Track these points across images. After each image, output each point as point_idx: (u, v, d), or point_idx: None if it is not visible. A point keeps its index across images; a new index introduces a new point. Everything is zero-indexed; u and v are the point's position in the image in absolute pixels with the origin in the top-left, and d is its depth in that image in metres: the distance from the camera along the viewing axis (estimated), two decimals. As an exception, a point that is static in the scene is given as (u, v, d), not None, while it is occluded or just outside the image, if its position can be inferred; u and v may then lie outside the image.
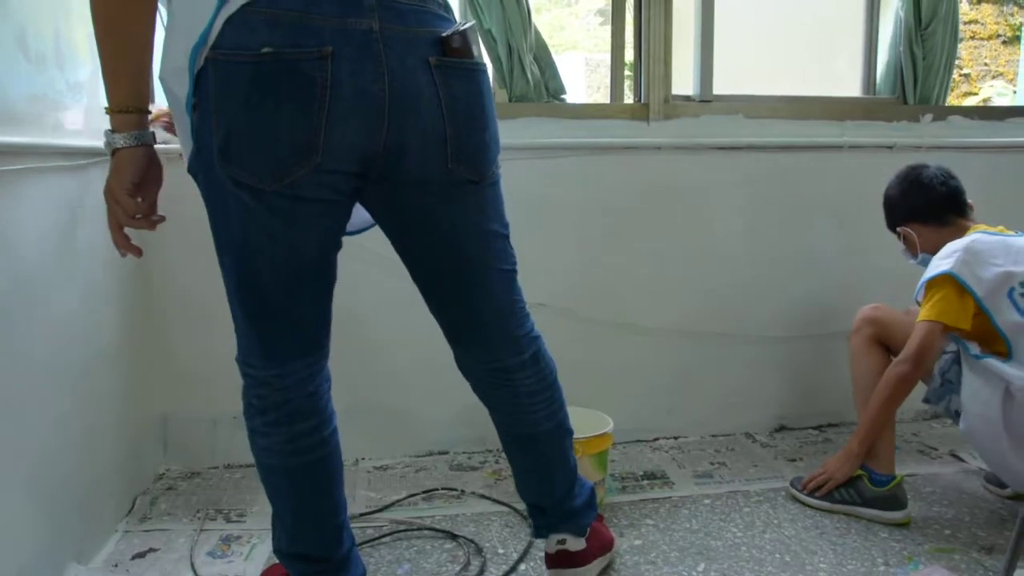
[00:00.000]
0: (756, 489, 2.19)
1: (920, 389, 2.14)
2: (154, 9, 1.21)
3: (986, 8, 5.73)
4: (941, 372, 2.01)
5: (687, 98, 2.53)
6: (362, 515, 2.03)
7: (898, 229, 2.20)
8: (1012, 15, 5.28)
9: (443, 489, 2.20)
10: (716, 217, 2.53)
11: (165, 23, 1.25)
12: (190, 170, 1.25)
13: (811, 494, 2.08)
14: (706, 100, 2.52)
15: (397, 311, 2.31)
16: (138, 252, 1.33)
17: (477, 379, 1.52)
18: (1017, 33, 3.11)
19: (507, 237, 1.43)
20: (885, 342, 2.11)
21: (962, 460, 2.41)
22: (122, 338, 2.06)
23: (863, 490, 2.02)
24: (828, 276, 2.64)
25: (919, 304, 2.00)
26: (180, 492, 2.20)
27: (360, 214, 1.42)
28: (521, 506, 2.05)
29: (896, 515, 1.99)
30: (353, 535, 1.52)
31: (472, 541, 1.90)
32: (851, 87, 2.79)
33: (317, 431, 1.39)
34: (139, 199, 1.29)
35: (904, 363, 1.96)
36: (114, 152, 1.26)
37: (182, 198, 1.46)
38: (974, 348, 1.93)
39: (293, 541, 1.45)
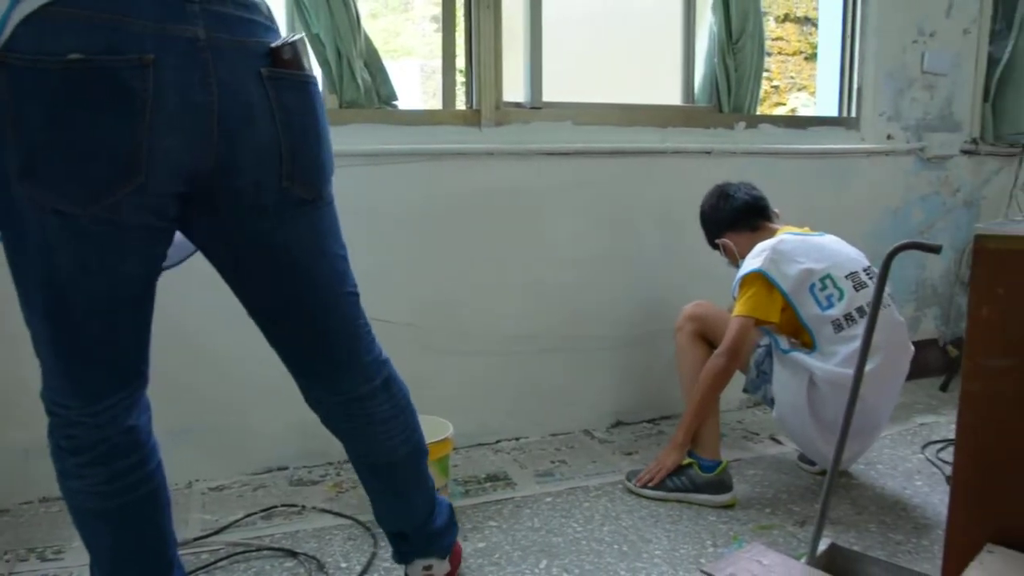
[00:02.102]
0: (595, 484, 2.26)
1: (742, 379, 2.29)
2: None
3: (790, 27, 6.22)
4: (756, 364, 2.17)
5: (518, 105, 2.58)
6: (196, 539, 1.93)
7: (717, 241, 2.37)
8: (811, 34, 5.76)
9: (283, 506, 2.12)
10: (549, 222, 2.59)
11: None
12: None
13: (645, 486, 2.17)
14: (536, 107, 2.58)
15: (226, 324, 2.21)
16: None
17: (327, 411, 1.44)
18: (815, 51, 3.40)
19: (346, 259, 1.37)
20: (708, 337, 2.23)
21: (780, 443, 2.59)
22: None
23: (694, 477, 2.13)
24: (655, 276, 2.76)
25: (735, 299, 2.15)
26: (-17, 532, 2.00)
27: (177, 247, 1.30)
28: (364, 517, 2.01)
29: (723, 498, 2.11)
30: (183, 568, 1.42)
31: (314, 558, 1.84)
32: (672, 96, 2.94)
33: (139, 467, 1.28)
34: None
35: (720, 356, 2.11)
36: None
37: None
38: (783, 343, 2.11)
39: None
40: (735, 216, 2.32)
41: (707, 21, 2.85)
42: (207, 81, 1.09)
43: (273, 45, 1.18)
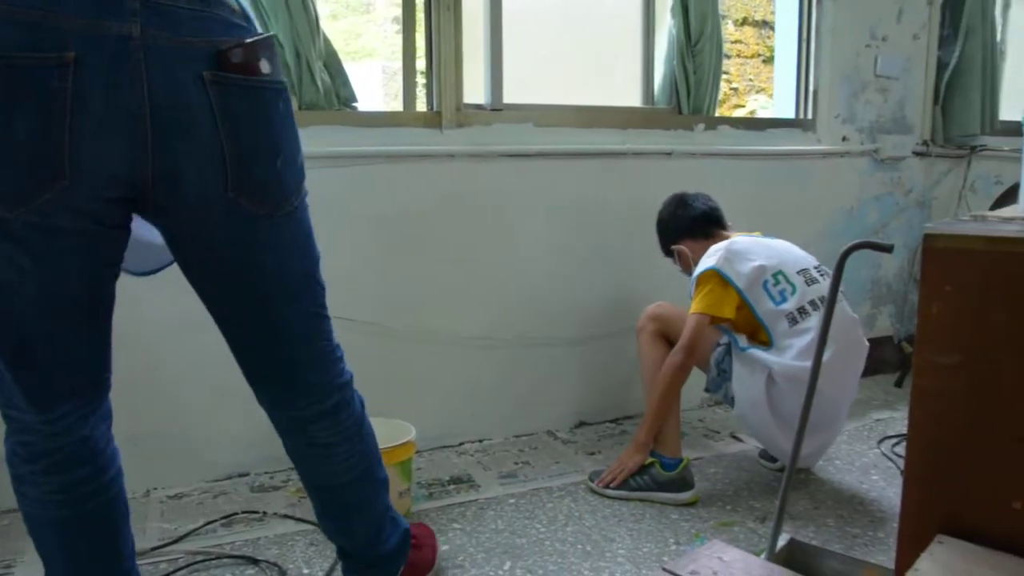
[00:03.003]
0: (558, 484, 2.27)
1: (703, 379, 2.32)
2: None
3: (748, 30, 6.31)
4: (716, 363, 2.20)
5: (479, 106, 2.58)
6: (154, 549, 1.89)
7: (673, 248, 2.42)
8: (768, 38, 5.84)
9: (243, 513, 2.10)
10: (511, 223, 2.60)
11: None
12: None
13: (607, 487, 2.18)
14: (497, 109, 2.58)
15: (184, 330, 2.19)
16: None
17: (275, 422, 1.40)
18: (773, 54, 3.46)
19: (312, 275, 1.30)
20: (669, 336, 2.26)
21: (741, 441, 2.63)
22: None
23: (656, 475, 2.15)
24: (617, 277, 2.78)
25: (691, 299, 2.19)
26: (-69, 545, 1.94)
27: (155, 252, 1.28)
28: (326, 523, 2.00)
29: (685, 496, 2.13)
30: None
31: (275, 564, 1.82)
32: (632, 98, 2.96)
33: (95, 477, 1.25)
34: None
35: (677, 353, 2.14)
36: None
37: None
38: (742, 341, 2.15)
39: None
40: (693, 224, 2.38)
41: (666, 24, 2.88)
42: (137, 83, 1.03)
43: (222, 47, 1.09)
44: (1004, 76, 3.66)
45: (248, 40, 1.11)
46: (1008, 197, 3.00)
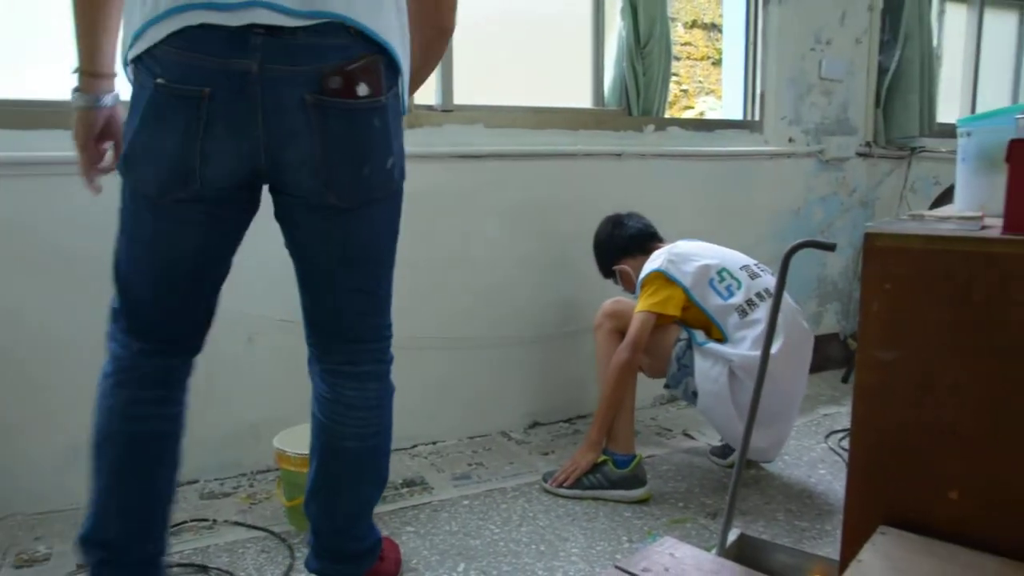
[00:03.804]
0: (512, 485, 2.27)
1: (658, 379, 2.35)
2: None
3: (697, 32, 6.40)
4: (677, 358, 2.23)
5: (429, 107, 2.57)
6: (97, 561, 1.85)
7: (614, 268, 2.46)
8: (717, 40, 5.93)
9: (192, 521, 2.05)
10: (462, 224, 2.60)
11: None
12: None
13: (561, 486, 2.19)
14: (447, 110, 2.58)
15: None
16: (96, 190, 1.43)
17: (315, 375, 1.54)
18: (722, 56, 3.52)
19: (376, 258, 1.46)
20: (625, 333, 2.28)
21: (693, 438, 2.66)
22: None
23: (609, 473, 2.17)
24: (569, 277, 2.79)
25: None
26: None
27: None
28: (279, 528, 1.98)
29: (637, 493, 2.15)
30: (165, 546, 1.48)
31: (226, 572, 1.79)
32: (583, 99, 2.98)
33: (161, 404, 1.42)
34: (104, 147, 1.41)
35: (624, 350, 2.17)
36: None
37: None
38: (700, 336, 2.18)
39: (96, 525, 1.39)
40: (630, 242, 2.43)
41: (616, 26, 2.90)
42: (253, 112, 1.23)
43: (324, 74, 1.24)
44: (940, 80, 3.78)
45: (348, 68, 1.25)
46: (946, 197, 3.08)
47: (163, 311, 1.40)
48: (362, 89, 1.27)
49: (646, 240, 2.43)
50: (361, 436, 1.51)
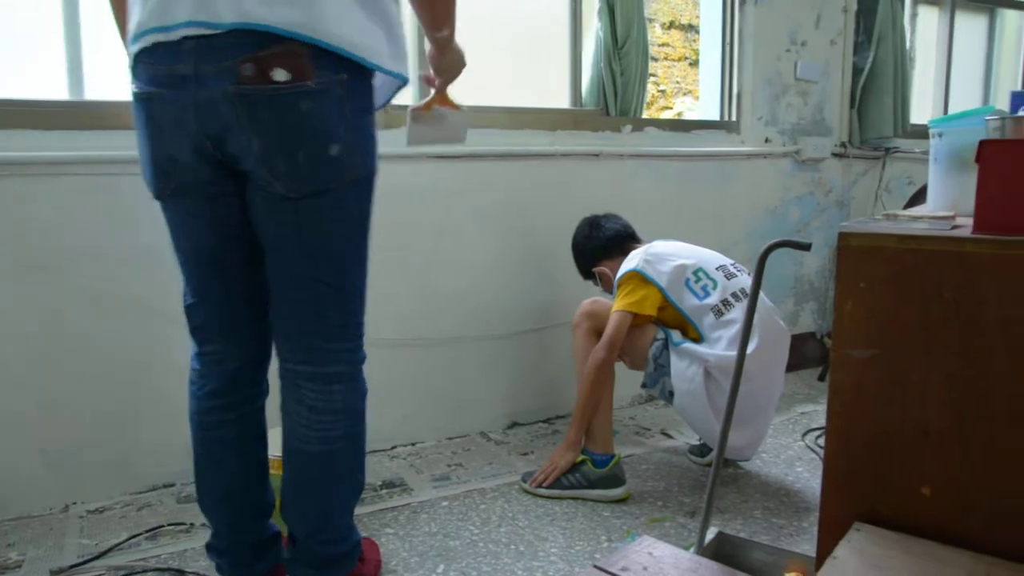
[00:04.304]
0: (491, 486, 2.27)
1: (636, 379, 2.35)
2: None
3: (675, 33, 6.43)
4: (654, 358, 2.23)
5: (405, 107, 2.55)
6: (73, 567, 1.82)
7: (594, 271, 2.46)
8: (695, 41, 5.96)
9: (169, 525, 2.03)
10: (441, 224, 2.59)
11: None
12: None
13: (540, 486, 2.19)
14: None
15: (105, 338, 2.13)
16: None
17: (280, 376, 1.54)
18: (699, 57, 3.54)
19: (337, 252, 1.45)
20: (603, 333, 2.28)
21: (671, 437, 2.67)
22: None
23: (588, 473, 2.17)
24: (547, 276, 2.80)
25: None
26: None
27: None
28: (255, 532, 1.96)
29: (616, 492, 2.16)
30: (270, 532, 1.63)
31: (203, 576, 1.78)
32: (561, 99, 2.98)
33: (224, 411, 1.55)
34: None
35: (600, 349, 2.18)
36: None
37: None
38: (676, 336, 2.19)
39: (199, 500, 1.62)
40: (608, 243, 2.44)
41: (593, 27, 2.91)
42: (188, 107, 1.32)
43: (239, 63, 1.28)
44: (913, 81, 3.83)
45: (261, 54, 1.28)
46: (919, 197, 3.12)
47: (205, 306, 1.52)
48: (279, 74, 1.29)
49: (624, 241, 2.43)
50: (326, 439, 1.50)
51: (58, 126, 2.07)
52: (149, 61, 1.35)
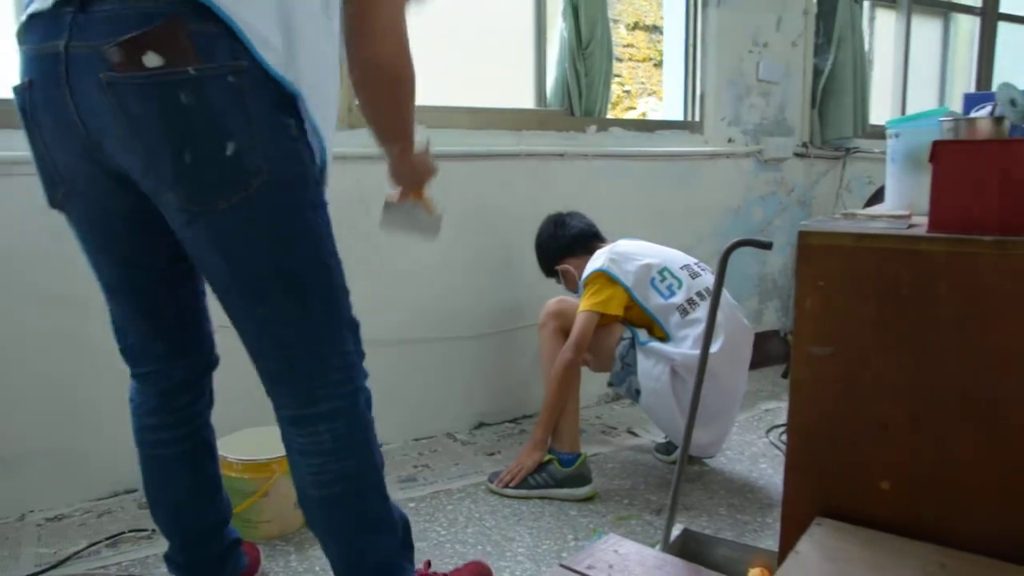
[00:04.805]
0: (458, 487, 2.26)
1: (603, 378, 2.37)
2: None
3: (640, 34, 6.47)
4: (621, 357, 2.25)
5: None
6: (30, 576, 1.79)
7: (557, 268, 2.47)
8: (659, 42, 6.01)
9: (131, 532, 2.00)
10: (407, 225, 2.57)
11: None
12: None
13: (507, 486, 2.19)
14: (390, 110, 2.55)
15: (61, 339, 2.09)
16: None
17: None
18: (663, 57, 3.57)
19: (281, 275, 1.21)
20: (569, 333, 2.29)
21: (637, 435, 2.69)
22: None
23: (554, 472, 2.18)
24: (512, 276, 2.80)
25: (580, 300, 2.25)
26: None
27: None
28: (218, 537, 1.93)
29: (583, 491, 2.17)
30: (228, 539, 1.57)
31: (165, 583, 1.75)
32: (526, 100, 2.99)
33: (159, 430, 1.46)
34: None
35: (567, 350, 2.19)
36: None
37: None
38: (643, 335, 2.21)
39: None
40: (573, 242, 2.45)
41: (557, 27, 2.92)
42: (63, 96, 1.11)
43: (103, 48, 1.05)
44: (872, 83, 3.90)
45: (132, 36, 1.05)
46: (879, 196, 3.18)
47: (128, 327, 1.40)
48: (151, 59, 1.06)
49: (589, 240, 2.44)
50: (321, 484, 1.31)
51: None
52: (22, 43, 1.15)
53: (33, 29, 1.11)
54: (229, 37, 1.09)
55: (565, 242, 2.46)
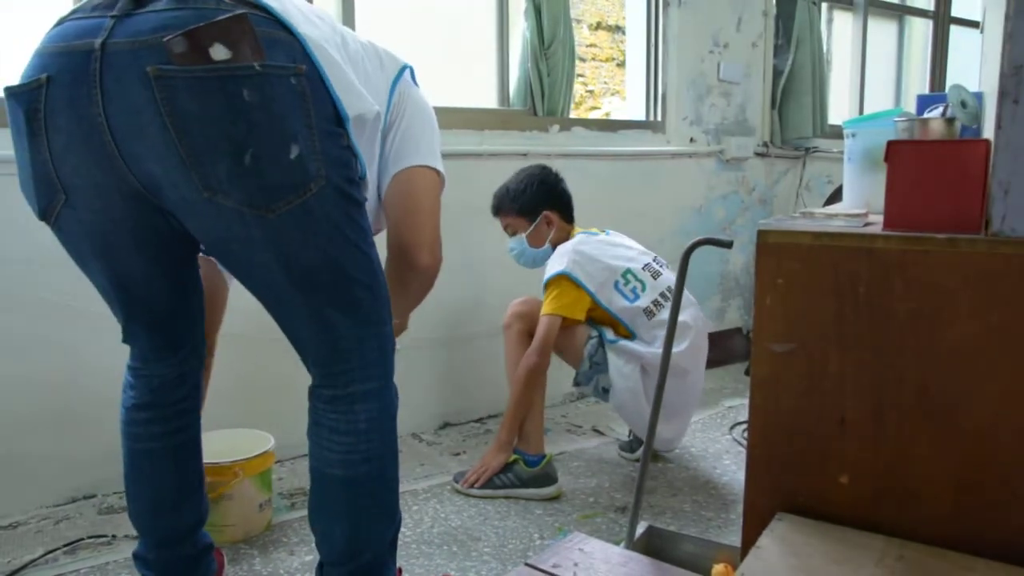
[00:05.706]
0: (423, 487, 2.26)
1: (568, 377, 2.37)
2: None
3: (602, 34, 6.50)
4: (589, 356, 2.26)
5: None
6: (-18, 587, 1.75)
7: (543, 212, 2.36)
8: (622, 42, 6.05)
9: (90, 538, 1.96)
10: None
11: None
12: None
13: (472, 486, 2.19)
14: (352, 109, 2.53)
15: (19, 343, 2.04)
16: None
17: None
18: (625, 57, 3.59)
19: (333, 270, 1.23)
20: (534, 334, 2.29)
21: (603, 434, 2.70)
22: None
23: (520, 473, 2.18)
24: (477, 276, 2.80)
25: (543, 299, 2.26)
26: None
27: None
28: (179, 543, 1.90)
29: (548, 491, 2.17)
30: (202, 543, 1.55)
31: (125, 590, 1.72)
32: (489, 99, 2.98)
33: (149, 424, 1.45)
34: None
35: (532, 354, 2.20)
36: None
37: None
38: (609, 334, 2.23)
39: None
40: (565, 203, 2.41)
41: (520, 27, 2.92)
42: (94, 93, 1.06)
43: (165, 38, 1.02)
44: (831, 83, 3.96)
45: (198, 25, 1.02)
46: (838, 195, 3.23)
47: (131, 325, 1.39)
48: (219, 52, 1.03)
49: (571, 210, 2.42)
50: (348, 463, 1.32)
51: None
52: (45, 41, 1.13)
53: (62, 28, 1.10)
54: (290, 43, 1.11)
55: (558, 194, 2.38)
